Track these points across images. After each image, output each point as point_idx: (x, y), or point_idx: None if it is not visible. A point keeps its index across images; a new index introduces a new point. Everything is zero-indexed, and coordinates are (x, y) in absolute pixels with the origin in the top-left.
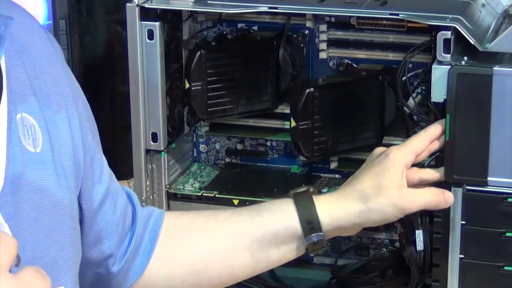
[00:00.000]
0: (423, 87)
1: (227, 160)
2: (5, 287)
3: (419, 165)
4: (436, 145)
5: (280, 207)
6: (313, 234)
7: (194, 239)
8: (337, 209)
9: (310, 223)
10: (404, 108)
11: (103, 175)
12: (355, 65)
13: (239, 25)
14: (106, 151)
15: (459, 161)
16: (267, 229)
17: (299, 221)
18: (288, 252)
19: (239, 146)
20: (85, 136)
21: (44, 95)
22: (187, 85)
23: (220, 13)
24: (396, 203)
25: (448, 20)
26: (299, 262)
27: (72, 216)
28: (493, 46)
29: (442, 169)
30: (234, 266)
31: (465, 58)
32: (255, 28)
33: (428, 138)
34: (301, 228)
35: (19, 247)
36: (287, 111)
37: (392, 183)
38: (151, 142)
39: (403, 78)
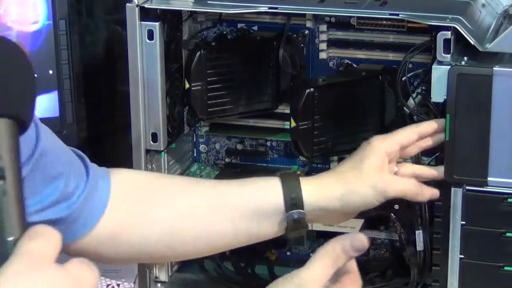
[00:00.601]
0: (423, 87)
1: (227, 160)
2: (52, 279)
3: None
4: (427, 142)
5: (266, 182)
6: (294, 211)
7: (174, 200)
8: (320, 189)
9: (293, 199)
10: (404, 108)
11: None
12: (355, 65)
13: (239, 25)
14: (106, 151)
15: (459, 161)
16: (251, 201)
17: (283, 197)
18: (269, 227)
19: (239, 146)
20: None
21: None
22: (187, 85)
23: (220, 13)
24: (375, 185)
25: (448, 20)
26: (300, 262)
27: None
28: (493, 46)
29: (439, 167)
30: (213, 234)
31: (465, 58)
32: (255, 28)
33: (417, 133)
34: (283, 203)
35: None
36: (287, 111)
37: (372, 167)
38: (151, 142)
39: (403, 78)
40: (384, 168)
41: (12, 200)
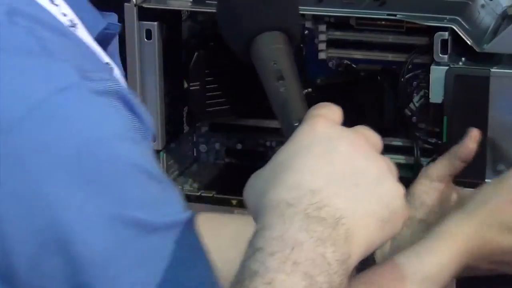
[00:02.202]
0: (423, 88)
1: (227, 160)
2: (343, 135)
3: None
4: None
5: None
6: None
7: None
8: None
9: None
10: (404, 109)
11: None
12: (354, 66)
13: None
14: None
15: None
16: None
17: None
18: None
19: (239, 146)
20: None
21: None
22: (185, 85)
23: None
24: None
25: (445, 21)
26: None
27: None
28: (490, 47)
29: None
30: None
31: (463, 59)
32: None
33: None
34: None
35: None
36: None
37: None
38: None
39: (401, 79)
40: None
41: (293, 89)
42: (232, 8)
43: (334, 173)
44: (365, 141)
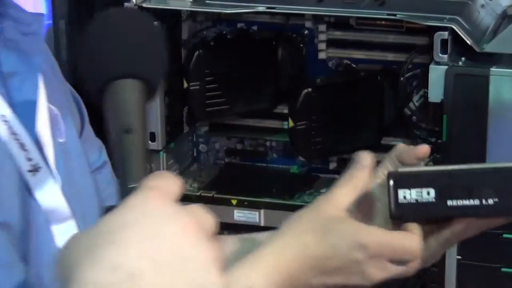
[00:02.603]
0: (422, 88)
1: (226, 160)
2: (174, 213)
3: None
4: None
5: None
6: None
7: None
8: None
9: None
10: (403, 108)
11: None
12: (354, 66)
13: (239, 25)
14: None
15: (456, 161)
16: None
17: None
18: None
19: (239, 146)
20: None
21: (55, 82)
22: (185, 85)
23: (219, 13)
24: None
25: (445, 20)
26: None
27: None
28: (490, 47)
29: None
30: None
31: (463, 58)
32: (255, 28)
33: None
34: None
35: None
36: (287, 111)
37: None
38: (149, 142)
39: (401, 79)
40: None
41: (138, 146)
42: (91, 48)
43: (157, 258)
44: (196, 225)
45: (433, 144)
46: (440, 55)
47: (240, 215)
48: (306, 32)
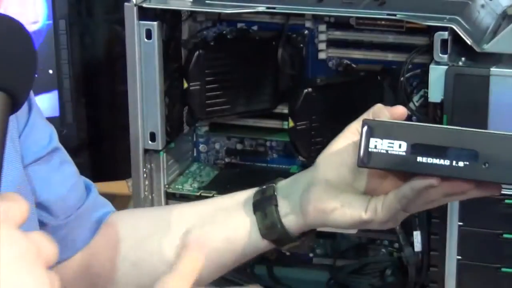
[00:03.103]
0: (422, 88)
1: (226, 160)
2: (13, 239)
3: None
4: None
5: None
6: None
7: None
8: None
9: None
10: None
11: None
12: (354, 66)
13: (239, 25)
14: (106, 151)
15: None
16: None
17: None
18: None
19: (239, 146)
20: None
21: None
22: (185, 85)
23: (219, 13)
24: None
25: (445, 20)
26: (298, 263)
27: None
28: (490, 47)
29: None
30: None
31: (463, 58)
32: (255, 28)
33: None
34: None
35: None
36: (287, 111)
37: None
38: (149, 142)
39: (401, 79)
40: None
41: None
42: None
43: None
44: (36, 252)
45: None
46: (440, 55)
47: None
48: (306, 32)
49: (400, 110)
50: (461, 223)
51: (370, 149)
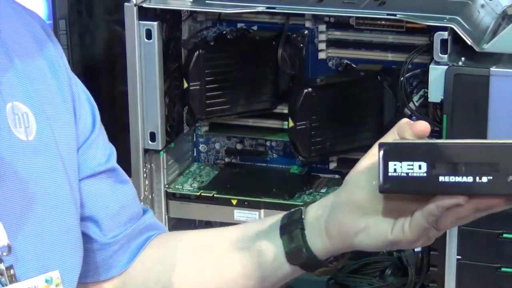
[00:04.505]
0: (422, 88)
1: (226, 160)
2: None
3: None
4: None
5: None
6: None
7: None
8: None
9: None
10: (403, 108)
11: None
12: (354, 66)
13: (239, 25)
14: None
15: None
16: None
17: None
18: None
19: (239, 146)
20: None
21: (42, 82)
22: (185, 85)
23: (219, 13)
24: None
25: (445, 20)
26: None
27: (72, 199)
28: (490, 47)
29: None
30: None
31: (463, 58)
32: (255, 28)
33: None
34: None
35: (11, 236)
36: (286, 111)
37: None
38: (149, 142)
39: (401, 79)
40: None
41: None
42: None
43: None
44: None
45: None
46: (440, 55)
47: (240, 215)
48: (306, 32)
49: (422, 127)
50: None
51: (390, 173)
